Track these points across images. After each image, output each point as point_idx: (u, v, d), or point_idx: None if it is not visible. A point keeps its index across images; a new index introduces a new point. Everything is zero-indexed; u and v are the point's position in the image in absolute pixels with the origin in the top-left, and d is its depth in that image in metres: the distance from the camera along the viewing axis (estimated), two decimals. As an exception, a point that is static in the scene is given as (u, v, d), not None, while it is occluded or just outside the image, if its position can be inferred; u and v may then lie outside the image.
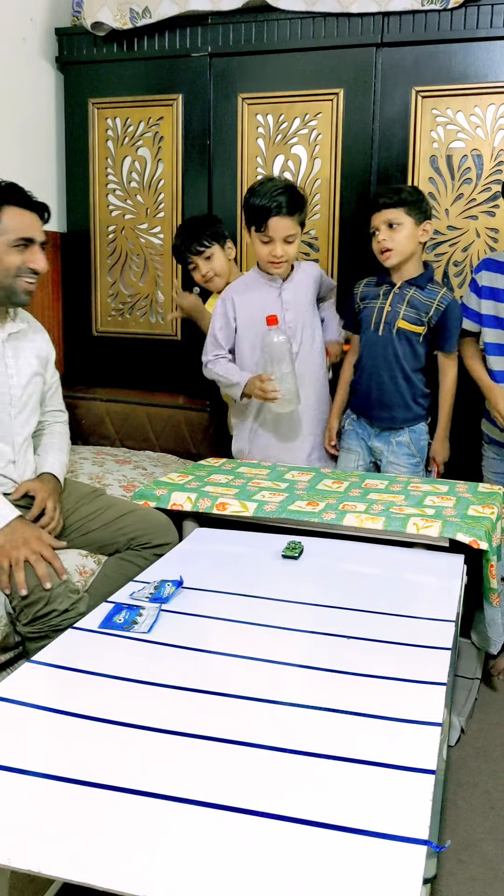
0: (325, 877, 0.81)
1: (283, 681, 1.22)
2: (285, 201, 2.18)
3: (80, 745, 1.04)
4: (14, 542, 1.62)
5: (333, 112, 2.68)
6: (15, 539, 1.63)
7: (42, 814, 0.90)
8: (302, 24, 2.65)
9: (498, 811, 1.72)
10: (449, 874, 1.54)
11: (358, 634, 1.37)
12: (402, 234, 2.22)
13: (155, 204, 2.97)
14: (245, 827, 0.88)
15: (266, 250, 2.26)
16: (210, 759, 1.01)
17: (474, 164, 2.55)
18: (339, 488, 2.10)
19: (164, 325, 3.04)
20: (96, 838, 0.86)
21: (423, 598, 1.55)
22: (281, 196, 2.18)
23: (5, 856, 0.83)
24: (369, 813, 0.91)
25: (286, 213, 2.20)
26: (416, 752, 1.02)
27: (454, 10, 2.47)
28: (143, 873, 0.81)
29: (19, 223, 1.77)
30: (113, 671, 1.22)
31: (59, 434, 2.08)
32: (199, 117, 2.85)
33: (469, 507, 1.93)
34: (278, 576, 1.66)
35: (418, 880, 0.80)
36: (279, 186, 2.21)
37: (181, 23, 2.77)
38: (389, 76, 2.60)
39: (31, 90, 2.91)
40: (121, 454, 2.73)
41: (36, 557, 1.62)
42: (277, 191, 2.19)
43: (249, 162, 2.81)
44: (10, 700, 1.12)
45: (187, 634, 1.35)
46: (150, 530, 1.92)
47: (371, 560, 1.76)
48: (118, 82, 2.93)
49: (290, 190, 2.22)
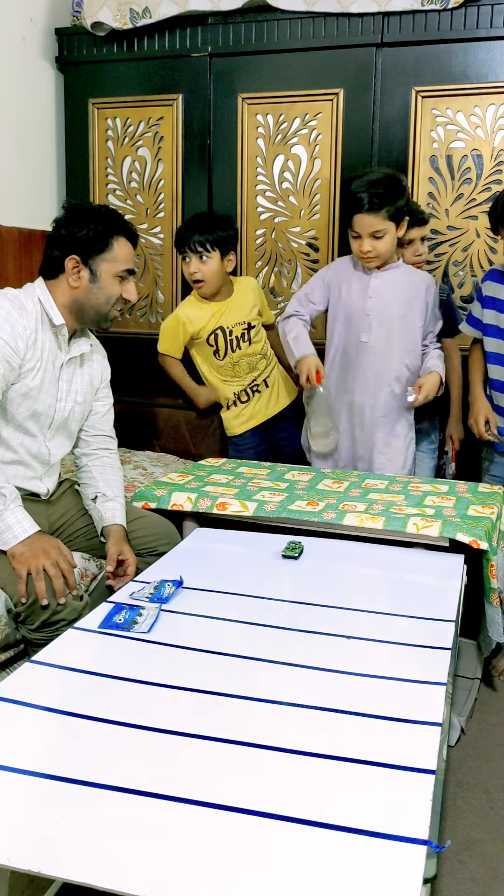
0: (325, 877, 0.81)
1: (283, 681, 1.22)
2: (367, 198, 2.16)
3: (80, 745, 1.04)
4: (34, 551, 1.62)
5: (333, 112, 2.68)
6: (35, 549, 1.63)
7: (42, 814, 0.90)
8: (302, 24, 2.64)
9: (498, 811, 1.72)
10: (449, 874, 1.54)
11: (358, 634, 1.37)
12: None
13: (155, 204, 2.97)
14: (245, 827, 0.88)
15: (355, 245, 2.27)
16: (210, 759, 1.01)
17: (474, 164, 2.55)
18: (339, 488, 2.10)
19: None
20: (96, 838, 0.86)
21: (423, 598, 1.55)
22: (364, 192, 2.17)
23: (5, 856, 0.83)
24: (369, 813, 0.91)
25: (368, 209, 2.17)
26: (416, 752, 1.02)
27: (454, 10, 2.47)
28: (143, 873, 0.81)
29: (127, 254, 1.79)
30: (113, 671, 1.22)
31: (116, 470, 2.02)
32: (199, 117, 2.85)
33: (469, 507, 1.93)
34: (278, 576, 1.66)
35: (418, 880, 0.80)
36: (366, 181, 2.19)
37: (181, 23, 2.77)
38: (389, 76, 2.60)
39: (31, 90, 2.91)
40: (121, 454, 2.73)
41: (55, 570, 1.61)
42: (363, 186, 2.18)
43: (249, 162, 2.81)
44: (10, 700, 1.12)
45: (187, 634, 1.35)
46: (157, 537, 1.92)
47: (371, 560, 1.76)
48: (118, 82, 2.93)
49: (379, 184, 2.18)
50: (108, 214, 1.79)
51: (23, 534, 1.64)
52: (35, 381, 1.75)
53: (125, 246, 1.79)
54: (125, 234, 1.79)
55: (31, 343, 1.73)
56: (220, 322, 2.54)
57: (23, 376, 1.73)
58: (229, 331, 2.54)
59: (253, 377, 2.61)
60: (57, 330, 1.79)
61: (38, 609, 1.61)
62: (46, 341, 1.77)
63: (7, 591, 1.66)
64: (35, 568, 1.60)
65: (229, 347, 2.55)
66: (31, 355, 1.73)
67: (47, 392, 1.80)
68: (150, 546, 1.91)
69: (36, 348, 1.74)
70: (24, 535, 1.64)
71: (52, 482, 1.92)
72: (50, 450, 1.86)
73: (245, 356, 2.58)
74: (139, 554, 1.91)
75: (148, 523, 1.95)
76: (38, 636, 1.64)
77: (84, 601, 1.72)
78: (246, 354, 2.57)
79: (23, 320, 1.70)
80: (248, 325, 2.56)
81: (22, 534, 1.64)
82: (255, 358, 2.59)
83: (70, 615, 1.64)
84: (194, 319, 2.55)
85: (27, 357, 1.72)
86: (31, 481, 1.86)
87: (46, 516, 1.88)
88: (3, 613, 1.67)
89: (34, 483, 1.86)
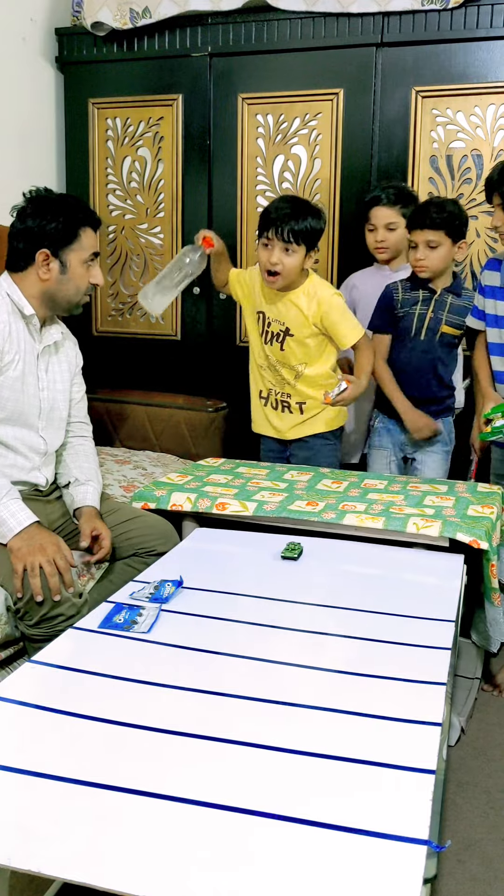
0: (325, 877, 0.81)
1: (283, 681, 1.22)
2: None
3: (80, 745, 1.04)
4: (31, 547, 1.61)
5: (333, 112, 2.68)
6: (32, 544, 1.62)
7: (42, 814, 0.90)
8: (302, 24, 2.64)
9: (498, 811, 1.72)
10: (449, 874, 1.54)
11: (358, 634, 1.37)
12: (440, 253, 2.25)
13: (155, 204, 2.97)
14: (245, 827, 0.88)
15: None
16: (210, 759, 1.01)
17: (474, 164, 2.55)
18: (339, 488, 2.10)
19: (164, 326, 3.04)
20: (96, 838, 0.86)
21: (423, 598, 1.55)
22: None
23: (5, 856, 0.83)
24: (369, 813, 0.91)
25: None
26: (416, 752, 1.02)
27: (454, 10, 2.47)
28: (143, 873, 0.81)
29: (93, 241, 1.83)
30: (113, 671, 1.22)
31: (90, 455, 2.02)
32: (199, 117, 2.85)
33: (469, 507, 1.93)
34: (278, 576, 1.65)
35: (418, 880, 0.80)
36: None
37: (181, 23, 2.77)
38: (389, 76, 2.60)
39: (31, 90, 2.91)
40: (121, 454, 2.73)
41: (51, 568, 1.61)
42: None
43: (249, 162, 2.81)
44: (10, 700, 1.12)
45: (187, 634, 1.35)
46: (156, 538, 1.92)
47: (371, 560, 1.76)
48: (118, 82, 2.93)
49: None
50: (75, 205, 1.82)
51: (17, 526, 1.64)
52: (17, 370, 1.78)
53: (91, 235, 1.82)
54: (90, 223, 1.83)
55: (7, 335, 1.75)
56: (263, 307, 2.31)
57: (4, 369, 1.75)
58: (268, 322, 2.30)
59: (280, 387, 2.36)
60: (28, 320, 1.80)
61: (35, 605, 1.61)
62: (21, 331, 1.79)
63: (6, 588, 1.66)
64: (30, 564, 1.59)
65: (264, 337, 2.33)
66: (8, 347, 1.76)
67: (30, 382, 1.81)
68: (149, 546, 1.91)
69: (12, 340, 1.77)
70: (20, 527, 1.64)
71: (49, 472, 1.94)
72: (45, 439, 1.88)
73: (274, 355, 2.32)
74: (137, 554, 1.91)
75: (146, 523, 1.95)
76: (37, 632, 1.63)
77: (84, 598, 1.72)
78: (275, 355, 2.32)
79: None
80: (287, 331, 2.27)
81: (17, 526, 1.64)
82: (283, 369, 2.32)
83: (69, 611, 1.64)
84: (243, 283, 2.36)
85: (5, 349, 1.75)
86: (31, 473, 1.87)
87: (46, 515, 1.88)
88: (3, 612, 1.68)
89: (33, 474, 1.87)
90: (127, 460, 2.63)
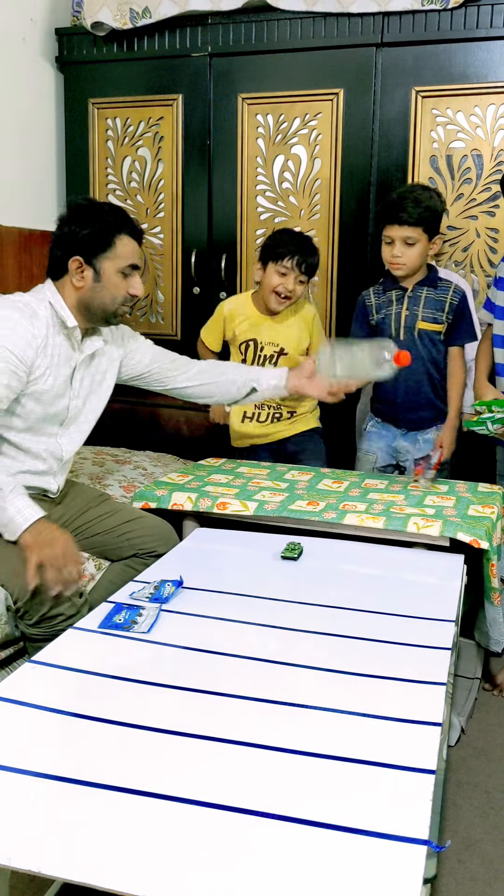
0: (325, 877, 0.81)
1: (283, 681, 1.22)
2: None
3: (80, 745, 1.04)
4: (42, 542, 1.60)
5: (333, 112, 2.67)
6: (42, 539, 1.61)
7: (42, 814, 0.90)
8: (302, 24, 2.64)
9: (498, 811, 1.72)
10: (449, 874, 1.54)
11: (358, 634, 1.37)
12: (416, 251, 2.23)
13: (155, 204, 2.97)
14: (245, 827, 0.88)
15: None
16: (210, 759, 1.01)
17: (474, 164, 2.55)
18: (339, 488, 2.10)
19: (164, 325, 3.04)
20: (96, 838, 0.86)
21: (423, 598, 1.55)
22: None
23: (5, 856, 0.83)
24: (369, 813, 0.91)
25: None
26: (416, 752, 1.02)
27: (454, 10, 2.47)
28: (143, 873, 0.81)
29: (131, 251, 1.78)
30: (113, 671, 1.22)
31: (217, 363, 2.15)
32: (199, 117, 2.85)
33: (469, 507, 1.93)
34: (278, 576, 1.65)
35: (418, 880, 0.80)
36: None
37: (181, 23, 2.76)
38: (389, 76, 2.60)
39: (31, 90, 2.91)
40: (121, 454, 2.73)
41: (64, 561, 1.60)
42: None
43: (249, 162, 2.81)
44: (10, 700, 1.12)
45: (187, 634, 1.35)
46: (157, 539, 1.92)
47: (371, 560, 1.76)
48: (118, 82, 2.93)
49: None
50: (111, 212, 1.78)
51: (25, 522, 1.63)
52: (46, 384, 1.75)
53: (129, 243, 1.77)
54: (128, 230, 1.77)
55: (41, 349, 1.72)
56: (257, 335, 2.44)
57: (32, 383, 1.73)
58: (261, 347, 2.44)
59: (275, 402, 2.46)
60: (70, 332, 1.78)
61: (36, 603, 1.60)
62: (58, 345, 1.76)
63: (6, 587, 1.66)
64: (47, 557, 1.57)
65: (255, 362, 2.45)
66: (40, 362, 1.73)
67: (59, 393, 1.80)
68: (149, 547, 1.91)
69: (46, 353, 1.74)
70: (27, 523, 1.63)
71: (62, 480, 1.93)
72: (62, 445, 1.86)
73: None
74: (137, 555, 1.91)
75: (146, 524, 1.95)
76: (37, 632, 1.63)
77: (84, 598, 1.72)
78: None
79: (32, 329, 1.70)
80: (281, 351, 2.43)
81: (24, 523, 1.63)
82: None
83: (69, 610, 1.63)
84: (235, 317, 2.47)
85: (36, 364, 1.72)
86: (45, 478, 1.86)
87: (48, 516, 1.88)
88: (3, 612, 1.68)
89: (47, 480, 1.87)
90: (127, 460, 2.63)
